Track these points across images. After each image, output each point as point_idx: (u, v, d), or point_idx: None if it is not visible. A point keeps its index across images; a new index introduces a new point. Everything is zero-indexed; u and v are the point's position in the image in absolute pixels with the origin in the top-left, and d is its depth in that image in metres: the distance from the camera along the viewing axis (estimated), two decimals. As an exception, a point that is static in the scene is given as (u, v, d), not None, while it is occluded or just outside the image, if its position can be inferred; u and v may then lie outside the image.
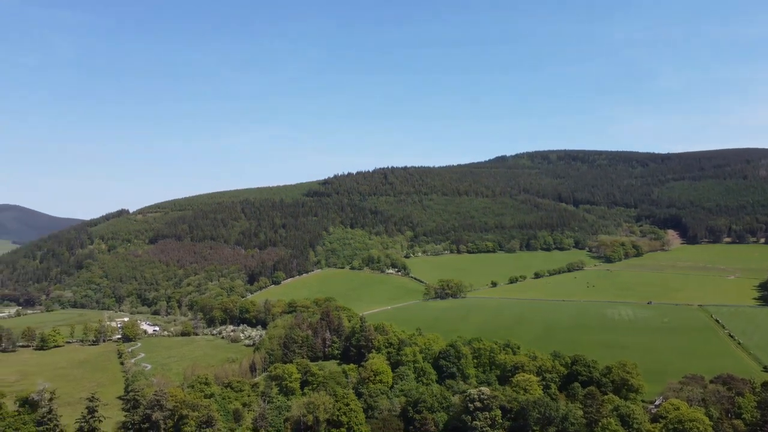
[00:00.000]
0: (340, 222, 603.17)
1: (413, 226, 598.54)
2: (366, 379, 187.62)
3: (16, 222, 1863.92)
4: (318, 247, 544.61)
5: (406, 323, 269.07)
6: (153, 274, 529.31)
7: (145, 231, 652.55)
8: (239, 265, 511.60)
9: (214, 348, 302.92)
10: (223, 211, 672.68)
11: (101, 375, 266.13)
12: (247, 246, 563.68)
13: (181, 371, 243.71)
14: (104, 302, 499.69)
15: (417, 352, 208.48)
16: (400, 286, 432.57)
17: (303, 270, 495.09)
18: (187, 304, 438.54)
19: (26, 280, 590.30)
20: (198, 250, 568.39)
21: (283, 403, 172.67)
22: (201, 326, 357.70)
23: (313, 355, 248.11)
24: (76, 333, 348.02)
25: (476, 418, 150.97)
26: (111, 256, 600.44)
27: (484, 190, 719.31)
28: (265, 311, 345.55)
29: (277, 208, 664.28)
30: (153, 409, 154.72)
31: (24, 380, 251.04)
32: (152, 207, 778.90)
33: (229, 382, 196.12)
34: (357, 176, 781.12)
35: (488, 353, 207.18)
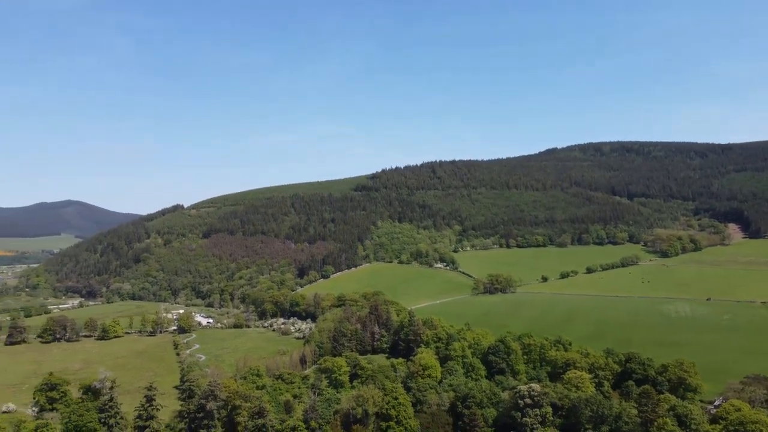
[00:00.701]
0: (388, 216, 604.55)
1: (461, 220, 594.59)
2: (414, 374, 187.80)
3: (79, 217, 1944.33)
4: (366, 241, 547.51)
5: (455, 318, 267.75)
6: (206, 267, 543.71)
7: (199, 225, 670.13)
8: (289, 259, 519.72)
9: (266, 340, 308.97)
10: (273, 205, 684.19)
11: (158, 365, 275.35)
12: (297, 240, 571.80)
13: (234, 362, 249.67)
14: (161, 294, 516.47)
15: (466, 347, 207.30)
16: (448, 280, 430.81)
17: (352, 264, 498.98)
18: (239, 296, 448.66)
19: (88, 273, 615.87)
20: (249, 244, 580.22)
21: (332, 396, 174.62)
22: (252, 319, 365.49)
23: (361, 349, 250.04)
24: (134, 324, 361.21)
25: (526, 414, 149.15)
26: (167, 249, 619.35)
27: (534, 184, 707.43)
28: (315, 305, 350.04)
29: (326, 202, 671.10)
30: (207, 399, 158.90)
31: (87, 368, 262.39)
32: (206, 202, 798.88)
33: (280, 374, 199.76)
34: (405, 170, 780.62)
35: (539, 349, 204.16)
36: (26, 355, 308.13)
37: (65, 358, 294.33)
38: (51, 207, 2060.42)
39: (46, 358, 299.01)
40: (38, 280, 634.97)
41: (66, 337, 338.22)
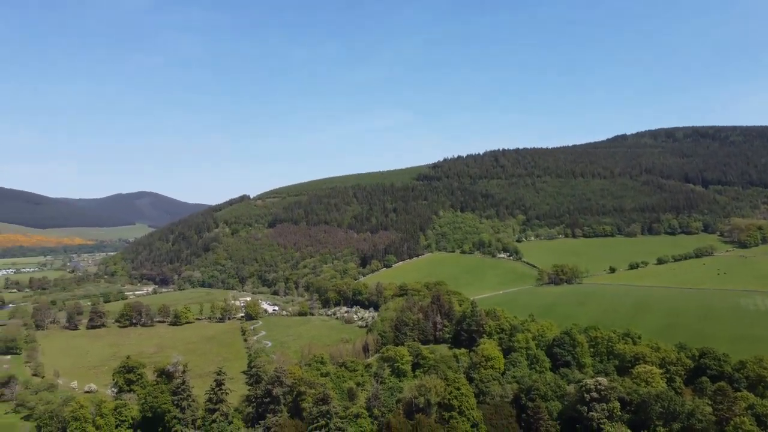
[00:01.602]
0: (450, 206, 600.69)
1: (525, 209, 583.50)
2: (477, 364, 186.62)
3: (152, 207, 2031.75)
4: (428, 230, 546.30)
5: (518, 309, 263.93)
6: (272, 256, 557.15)
7: (265, 216, 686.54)
8: (352, 249, 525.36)
9: (329, 328, 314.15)
10: (336, 196, 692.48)
11: (227, 350, 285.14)
12: (359, 230, 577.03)
13: (299, 349, 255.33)
14: (229, 282, 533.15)
15: (530, 338, 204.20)
16: (511, 270, 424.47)
17: (413, 254, 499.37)
18: (304, 285, 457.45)
19: (161, 261, 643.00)
20: (313, 234, 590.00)
21: (395, 385, 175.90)
22: (316, 307, 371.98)
23: (423, 339, 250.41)
24: (204, 311, 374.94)
25: (593, 408, 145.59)
26: (234, 239, 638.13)
27: (602, 171, 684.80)
28: (377, 294, 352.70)
29: (387, 192, 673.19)
30: (274, 385, 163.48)
31: (161, 352, 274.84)
32: (270, 193, 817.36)
33: (344, 361, 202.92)
34: (467, 159, 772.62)
35: (606, 342, 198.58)
36: (106, 338, 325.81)
37: (141, 342, 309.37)
38: (126, 198, 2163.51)
39: (124, 341, 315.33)
40: (115, 268, 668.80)
41: (141, 322, 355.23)
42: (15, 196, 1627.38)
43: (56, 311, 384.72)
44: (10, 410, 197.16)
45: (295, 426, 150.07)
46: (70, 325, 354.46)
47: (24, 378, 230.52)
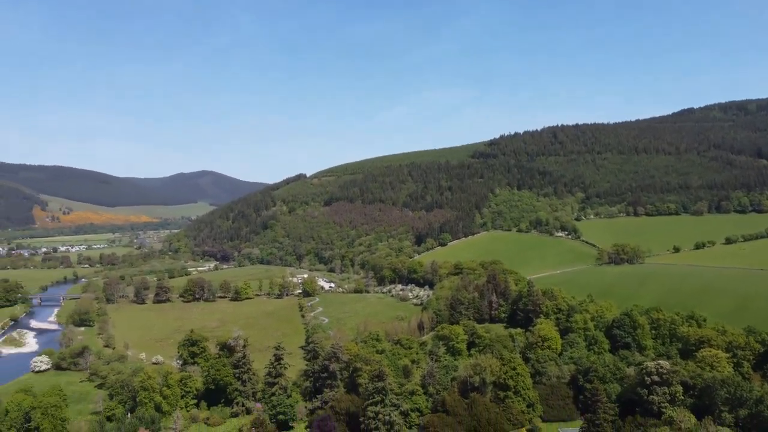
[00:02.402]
0: (507, 184, 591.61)
1: (585, 187, 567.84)
2: (533, 345, 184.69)
3: (213, 186, 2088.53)
4: (484, 209, 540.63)
5: (576, 289, 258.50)
6: (328, 234, 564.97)
7: (321, 194, 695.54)
8: (407, 227, 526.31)
9: (384, 305, 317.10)
10: (391, 174, 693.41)
11: (285, 326, 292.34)
12: (414, 208, 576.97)
13: (355, 326, 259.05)
14: (286, 259, 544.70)
15: (588, 319, 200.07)
16: (569, 249, 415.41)
17: (469, 232, 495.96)
18: (359, 262, 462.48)
19: (222, 238, 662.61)
20: (368, 212, 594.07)
21: (450, 363, 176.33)
22: (372, 284, 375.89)
23: (479, 318, 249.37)
24: (263, 287, 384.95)
25: (653, 392, 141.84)
26: (291, 217, 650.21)
27: (667, 147, 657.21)
28: (432, 272, 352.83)
29: (443, 170, 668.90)
30: (330, 361, 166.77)
31: (222, 327, 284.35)
32: (326, 171, 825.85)
33: (399, 339, 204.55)
34: (524, 136, 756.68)
35: (668, 325, 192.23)
36: (171, 312, 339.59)
37: (203, 317, 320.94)
38: (188, 177, 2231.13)
39: (187, 315, 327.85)
40: (179, 245, 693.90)
41: (204, 297, 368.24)
42: (86, 176, 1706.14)
43: (125, 286, 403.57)
44: (84, 379, 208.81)
45: (351, 401, 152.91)
46: (138, 299, 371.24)
47: (96, 349, 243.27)
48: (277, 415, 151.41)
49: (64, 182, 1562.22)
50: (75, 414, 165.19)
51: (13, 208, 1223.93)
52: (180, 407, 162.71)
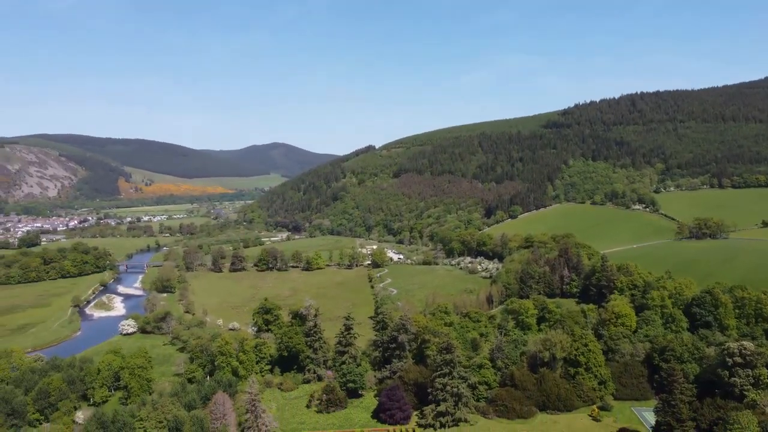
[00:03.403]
0: (581, 154, 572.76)
1: (665, 157, 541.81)
2: (606, 321, 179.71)
3: (284, 158, 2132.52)
4: (556, 180, 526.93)
5: (653, 264, 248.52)
6: (397, 206, 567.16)
7: (390, 166, 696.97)
8: (476, 199, 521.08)
9: (453, 278, 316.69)
10: (460, 145, 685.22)
11: (355, 296, 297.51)
12: (484, 180, 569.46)
13: (423, 298, 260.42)
14: (356, 230, 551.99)
15: (665, 296, 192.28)
16: (647, 223, 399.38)
17: (540, 204, 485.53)
18: (428, 234, 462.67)
19: (293, 210, 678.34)
20: (437, 184, 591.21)
21: (519, 337, 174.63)
22: (440, 256, 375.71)
23: (549, 292, 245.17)
24: (333, 257, 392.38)
25: (735, 374, 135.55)
26: (361, 188, 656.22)
27: (758, 114, 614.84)
28: (502, 245, 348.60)
29: (514, 141, 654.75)
30: (399, 332, 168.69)
31: (294, 296, 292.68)
32: (395, 143, 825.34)
33: (467, 312, 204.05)
34: (600, 104, 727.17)
35: (754, 304, 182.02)
36: (245, 281, 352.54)
37: (277, 286, 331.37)
38: (261, 149, 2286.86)
39: (261, 284, 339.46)
40: (253, 216, 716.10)
41: (277, 266, 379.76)
42: (166, 149, 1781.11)
43: (203, 255, 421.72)
44: (167, 342, 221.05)
45: (419, 372, 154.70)
46: (215, 267, 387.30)
47: (178, 314, 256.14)
48: (347, 383, 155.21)
49: (147, 155, 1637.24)
50: (159, 375, 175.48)
51: (101, 180, 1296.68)
52: (255, 372, 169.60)
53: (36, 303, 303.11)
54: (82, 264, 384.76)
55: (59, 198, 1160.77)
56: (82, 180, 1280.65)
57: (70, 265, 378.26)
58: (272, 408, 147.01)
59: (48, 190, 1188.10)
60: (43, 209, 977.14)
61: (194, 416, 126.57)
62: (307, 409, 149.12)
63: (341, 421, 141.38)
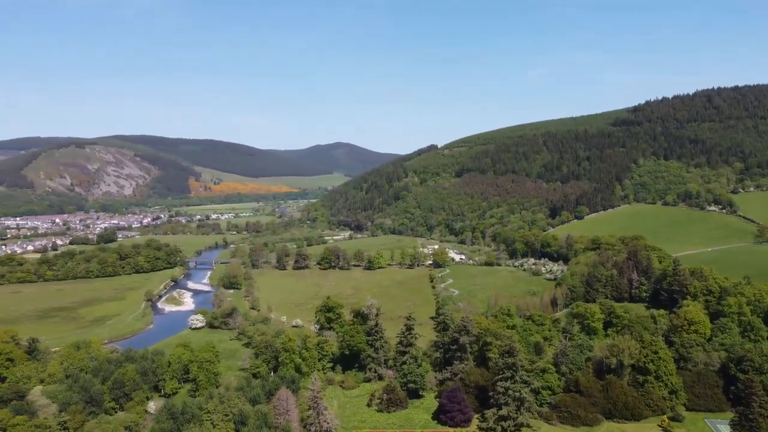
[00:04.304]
0: (652, 153, 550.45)
1: (744, 156, 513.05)
2: (678, 328, 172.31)
3: (347, 157, 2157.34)
4: (625, 180, 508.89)
5: (731, 269, 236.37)
6: (459, 205, 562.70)
7: (452, 165, 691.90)
8: (541, 199, 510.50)
9: (516, 279, 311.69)
10: (524, 144, 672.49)
11: (416, 296, 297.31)
12: (549, 179, 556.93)
13: (485, 299, 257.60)
14: (417, 230, 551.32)
15: (743, 303, 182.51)
16: (723, 225, 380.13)
17: (608, 205, 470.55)
18: (490, 235, 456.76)
19: (356, 209, 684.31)
20: (500, 183, 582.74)
21: (584, 342, 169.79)
22: (503, 257, 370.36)
23: (617, 296, 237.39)
24: (395, 257, 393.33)
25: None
26: (422, 188, 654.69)
27: None
28: (567, 246, 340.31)
29: (580, 139, 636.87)
30: (460, 333, 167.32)
31: (356, 294, 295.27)
32: (458, 142, 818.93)
33: (531, 314, 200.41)
34: (673, 101, 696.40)
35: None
36: (309, 279, 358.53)
37: (339, 284, 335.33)
38: (324, 149, 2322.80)
39: (324, 282, 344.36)
40: (316, 214, 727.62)
41: (339, 265, 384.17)
42: (234, 149, 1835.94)
43: (268, 252, 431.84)
44: (233, 337, 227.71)
45: (481, 374, 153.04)
46: (279, 265, 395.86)
47: (243, 311, 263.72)
48: (408, 384, 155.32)
49: (215, 155, 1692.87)
50: (225, 369, 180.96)
51: (172, 179, 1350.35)
52: (317, 369, 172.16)
53: (112, 296, 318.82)
54: (155, 260, 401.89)
55: (134, 196, 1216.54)
56: (155, 179, 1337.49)
57: (144, 261, 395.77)
58: (334, 405, 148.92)
59: (124, 189, 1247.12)
60: (119, 207, 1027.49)
61: (259, 411, 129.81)
62: (368, 407, 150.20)
63: (401, 421, 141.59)
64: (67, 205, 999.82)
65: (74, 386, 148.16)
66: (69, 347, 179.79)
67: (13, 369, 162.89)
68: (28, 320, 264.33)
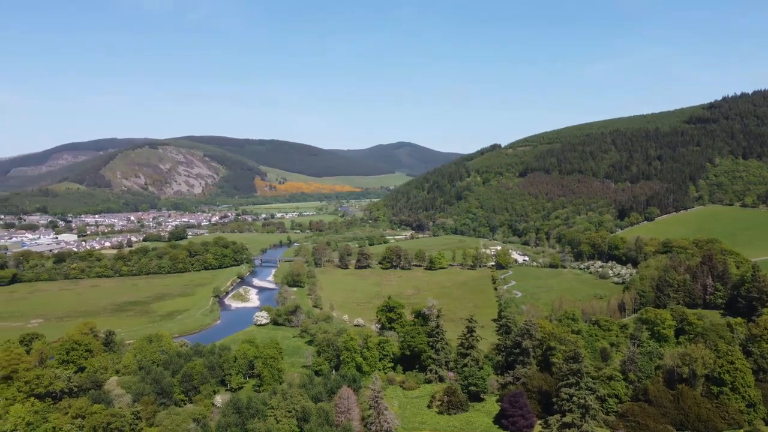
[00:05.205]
0: (729, 152, 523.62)
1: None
2: (757, 337, 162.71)
3: (409, 157, 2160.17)
4: (700, 180, 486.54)
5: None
6: (523, 206, 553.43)
7: (516, 164, 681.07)
8: (608, 200, 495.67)
9: (581, 282, 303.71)
10: (591, 143, 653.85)
11: (477, 297, 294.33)
12: (617, 179, 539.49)
13: (549, 302, 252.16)
14: (480, 230, 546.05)
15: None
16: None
17: (681, 206, 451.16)
18: (555, 236, 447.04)
19: (417, 208, 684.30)
20: (566, 184, 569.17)
21: (654, 350, 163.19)
22: (568, 259, 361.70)
23: (690, 302, 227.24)
24: (456, 257, 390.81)
25: None
26: (485, 188, 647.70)
27: None
28: (636, 249, 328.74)
29: (651, 137, 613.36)
30: (523, 337, 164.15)
31: (417, 295, 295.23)
32: (522, 141, 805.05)
33: (597, 319, 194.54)
34: (753, 96, 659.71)
35: None
36: (370, 278, 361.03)
37: (400, 284, 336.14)
38: (387, 148, 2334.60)
39: (385, 282, 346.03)
40: (378, 214, 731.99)
41: (400, 265, 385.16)
42: (298, 149, 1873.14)
43: (330, 251, 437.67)
44: (297, 335, 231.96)
45: (544, 380, 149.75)
46: (342, 264, 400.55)
47: (306, 308, 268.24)
48: (469, 386, 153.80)
49: (280, 155, 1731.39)
50: (288, 366, 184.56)
51: (239, 178, 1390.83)
52: (378, 369, 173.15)
53: (182, 292, 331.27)
54: (222, 257, 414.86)
55: (203, 195, 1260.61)
56: (223, 178, 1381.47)
57: (212, 258, 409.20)
58: (394, 405, 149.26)
59: (194, 188, 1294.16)
60: (189, 205, 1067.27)
61: (320, 408, 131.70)
62: (428, 409, 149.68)
63: (462, 424, 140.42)
64: (141, 203, 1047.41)
65: (147, 378, 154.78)
66: (142, 340, 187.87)
67: (91, 360, 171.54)
68: (106, 313, 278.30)
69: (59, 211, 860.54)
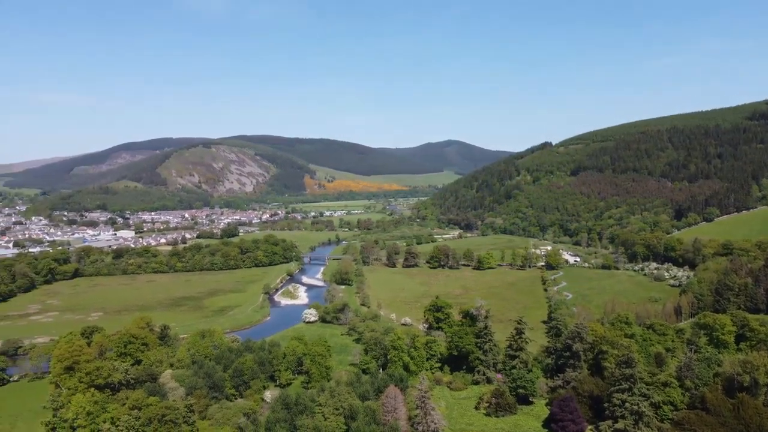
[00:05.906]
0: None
1: None
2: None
3: (458, 155, 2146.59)
4: (763, 179, 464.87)
5: None
6: (574, 205, 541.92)
7: (567, 163, 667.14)
8: (664, 199, 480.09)
9: (635, 284, 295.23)
10: (647, 140, 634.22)
11: (527, 298, 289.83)
12: (674, 178, 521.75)
13: (601, 304, 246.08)
14: (529, 230, 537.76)
15: None
16: None
17: (742, 206, 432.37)
18: (608, 236, 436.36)
19: (465, 207, 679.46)
20: (619, 183, 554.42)
21: (713, 356, 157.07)
22: (622, 261, 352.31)
23: (752, 307, 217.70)
24: (505, 257, 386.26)
25: None
26: (535, 187, 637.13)
27: None
28: (694, 251, 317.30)
29: (711, 135, 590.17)
30: (574, 340, 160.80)
31: (465, 295, 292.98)
32: (573, 139, 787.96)
33: (651, 323, 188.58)
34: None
35: None
36: (418, 277, 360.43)
37: (448, 283, 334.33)
38: (435, 147, 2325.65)
39: (433, 281, 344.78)
40: (426, 212, 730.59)
41: (448, 264, 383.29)
42: (347, 148, 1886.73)
43: (378, 250, 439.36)
44: (344, 332, 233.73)
45: (595, 384, 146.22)
46: (389, 262, 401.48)
47: (354, 307, 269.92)
48: (517, 389, 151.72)
49: (329, 153, 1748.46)
50: (336, 363, 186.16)
51: (289, 177, 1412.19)
52: (425, 369, 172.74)
53: (234, 288, 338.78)
54: (272, 255, 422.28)
55: (254, 193, 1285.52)
56: (274, 177, 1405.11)
57: (262, 255, 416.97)
58: (441, 406, 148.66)
59: (245, 186, 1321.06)
60: (240, 203, 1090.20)
61: (367, 407, 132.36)
62: (476, 410, 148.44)
63: (510, 427, 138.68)
64: (195, 201, 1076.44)
65: (199, 372, 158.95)
66: (195, 335, 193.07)
67: (147, 353, 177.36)
68: (161, 307, 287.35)
69: (118, 209, 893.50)
